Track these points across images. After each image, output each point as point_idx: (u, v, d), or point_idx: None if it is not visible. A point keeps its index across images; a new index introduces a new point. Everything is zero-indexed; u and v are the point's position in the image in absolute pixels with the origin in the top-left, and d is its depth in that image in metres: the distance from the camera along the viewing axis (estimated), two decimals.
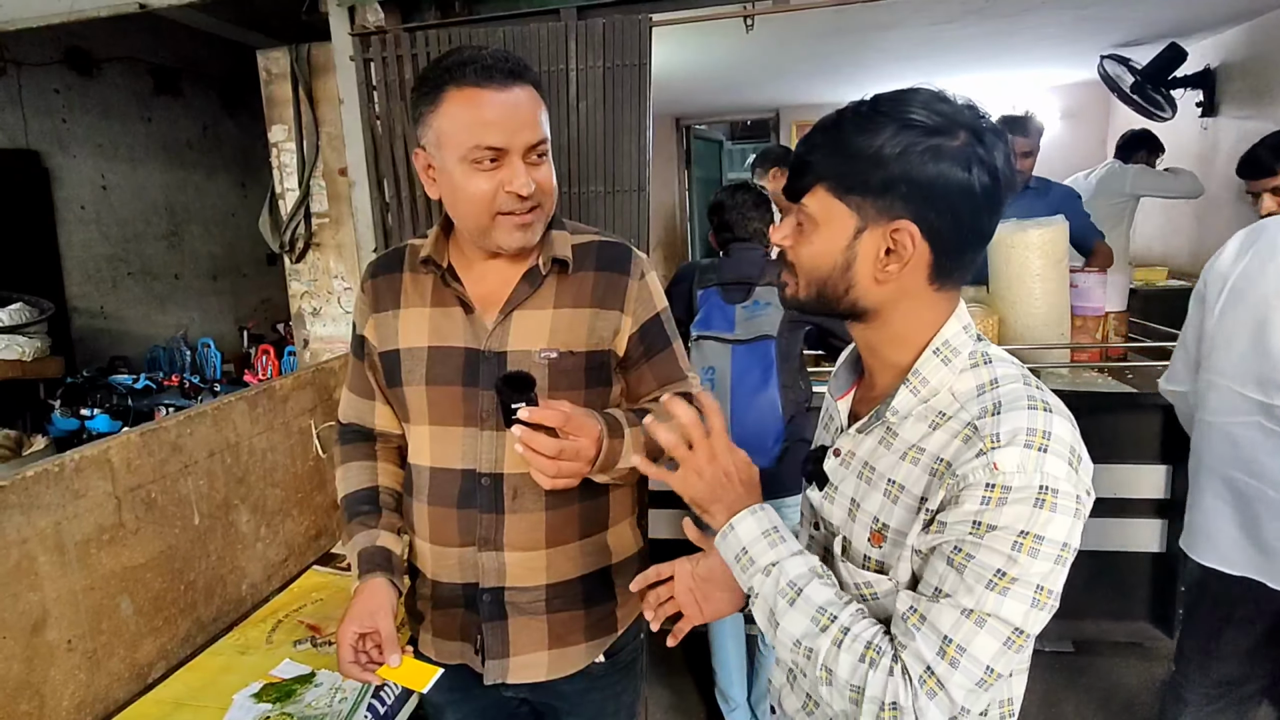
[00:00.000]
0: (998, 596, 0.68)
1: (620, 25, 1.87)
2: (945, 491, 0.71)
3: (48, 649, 1.12)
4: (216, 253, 5.52)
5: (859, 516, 0.81)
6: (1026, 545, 0.67)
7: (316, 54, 2.35)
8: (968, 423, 0.72)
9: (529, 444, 0.93)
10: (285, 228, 2.44)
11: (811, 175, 0.75)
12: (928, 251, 0.73)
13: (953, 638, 0.69)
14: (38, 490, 1.11)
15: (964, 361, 0.77)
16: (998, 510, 0.67)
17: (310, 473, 1.76)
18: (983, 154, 0.70)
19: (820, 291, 0.78)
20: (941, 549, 0.71)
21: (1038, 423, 0.69)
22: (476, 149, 0.98)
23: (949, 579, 0.70)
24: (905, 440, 0.77)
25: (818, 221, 0.75)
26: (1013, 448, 0.68)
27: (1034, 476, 0.67)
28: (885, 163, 0.70)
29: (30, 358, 3.68)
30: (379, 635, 1.05)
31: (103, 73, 4.63)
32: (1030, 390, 0.73)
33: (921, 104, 0.71)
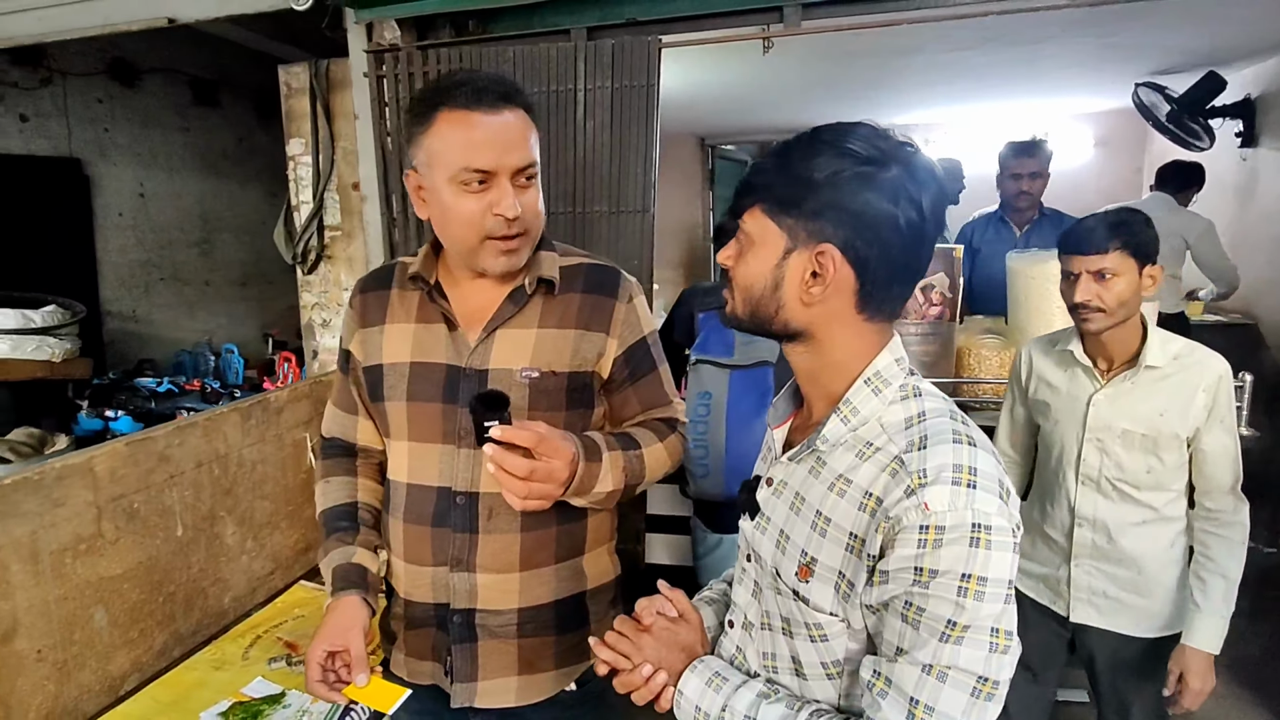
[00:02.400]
0: (953, 647, 0.67)
1: (629, 46, 1.87)
2: (882, 536, 0.70)
3: (16, 658, 1.12)
4: (246, 260, 5.63)
5: (787, 549, 0.80)
6: (971, 589, 0.66)
7: (335, 70, 2.39)
8: (895, 455, 0.72)
9: (500, 464, 0.93)
10: (298, 240, 2.47)
11: (750, 196, 0.77)
12: (852, 278, 0.74)
13: (919, 698, 0.68)
14: (16, 498, 1.11)
15: (894, 393, 0.77)
16: (935, 553, 0.67)
17: (302, 485, 1.76)
18: (912, 190, 0.71)
19: (753, 311, 0.79)
20: (894, 604, 0.70)
21: (963, 458, 0.69)
22: (465, 170, 0.98)
23: (906, 635, 0.69)
24: (833, 469, 0.77)
25: (754, 240, 0.77)
26: (940, 485, 0.68)
27: (965, 514, 0.67)
28: (816, 187, 0.72)
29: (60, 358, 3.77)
30: (348, 654, 1.03)
31: (144, 83, 4.77)
32: (955, 425, 0.73)
33: (860, 137, 0.72)
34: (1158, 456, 1.44)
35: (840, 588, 0.74)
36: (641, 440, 1.10)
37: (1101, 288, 1.39)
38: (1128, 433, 1.44)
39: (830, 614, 0.76)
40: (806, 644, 0.79)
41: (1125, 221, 1.40)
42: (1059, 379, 1.56)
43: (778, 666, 0.84)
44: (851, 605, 0.74)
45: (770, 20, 1.94)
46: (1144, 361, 1.42)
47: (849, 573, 0.73)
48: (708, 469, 1.82)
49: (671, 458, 1.16)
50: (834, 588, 0.75)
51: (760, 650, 0.87)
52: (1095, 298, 1.40)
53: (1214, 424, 1.41)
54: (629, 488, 1.08)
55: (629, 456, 1.07)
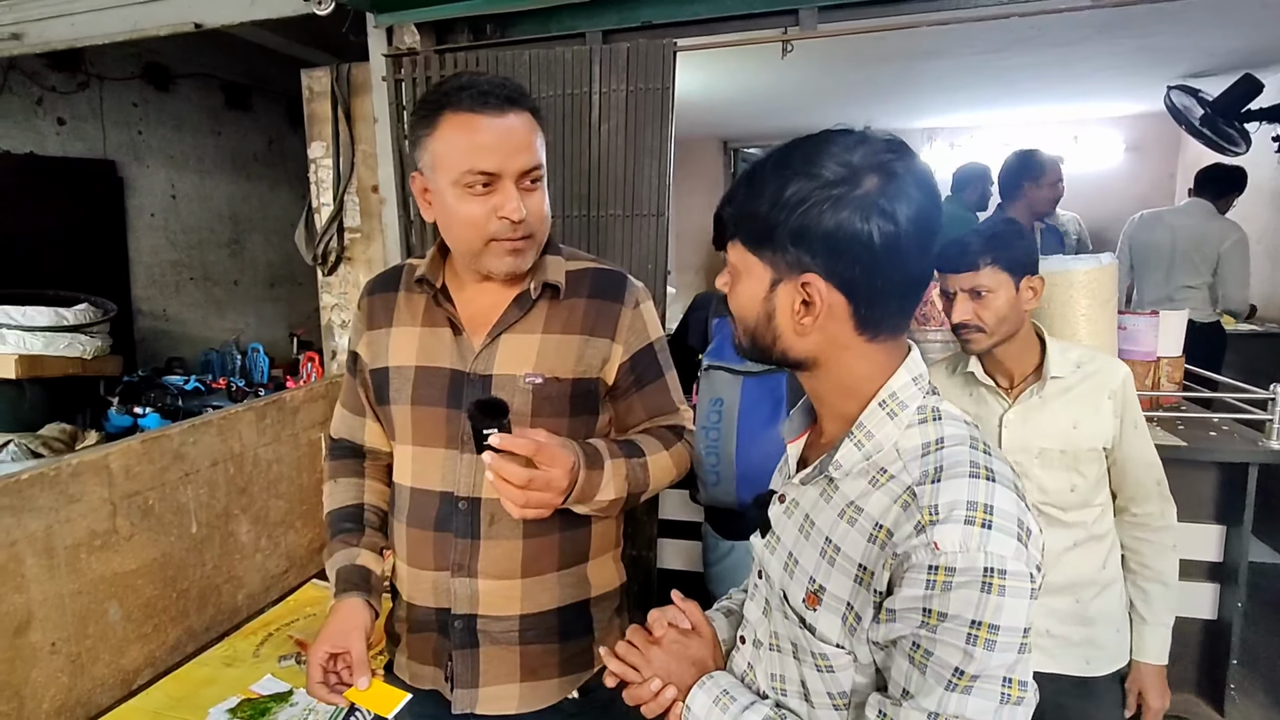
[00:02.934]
0: (960, 696, 0.63)
1: (645, 50, 1.87)
2: (890, 572, 0.66)
3: (30, 651, 1.14)
4: (274, 261, 5.73)
5: (795, 573, 0.77)
6: (982, 637, 0.62)
7: (356, 73, 2.42)
8: (907, 486, 0.68)
9: (498, 472, 0.91)
10: (319, 241, 2.50)
11: (727, 229, 0.74)
12: (843, 302, 0.70)
13: None
14: (31, 493, 1.14)
15: (912, 416, 0.73)
16: (944, 596, 0.62)
17: (317, 485, 1.77)
18: (884, 204, 0.67)
19: (753, 340, 0.76)
20: (901, 644, 0.66)
21: (978, 494, 0.65)
22: (469, 173, 0.97)
23: (913, 679, 0.66)
24: (844, 496, 0.74)
25: (740, 272, 0.74)
26: (952, 524, 0.63)
27: (977, 557, 0.62)
28: (786, 217, 0.68)
29: (91, 356, 3.86)
30: (350, 656, 1.03)
31: (178, 87, 4.88)
32: (975, 455, 0.68)
33: (831, 155, 0.68)
34: (1079, 472, 1.37)
35: (848, 620, 0.70)
36: (646, 448, 1.09)
37: (978, 305, 1.33)
38: (1045, 451, 1.37)
39: (837, 645, 0.72)
40: (813, 672, 0.76)
41: (997, 234, 1.35)
42: (965, 404, 1.46)
43: (786, 689, 0.81)
44: (858, 639, 0.70)
45: (787, 23, 1.92)
46: (1048, 373, 1.36)
47: (856, 605, 0.70)
48: (718, 476, 1.80)
49: (678, 466, 1.14)
50: (841, 619, 0.71)
51: (769, 671, 0.84)
52: (973, 316, 1.33)
53: (1127, 429, 1.37)
54: (632, 496, 1.06)
55: (632, 465, 1.05)
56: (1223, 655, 2.10)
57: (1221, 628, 2.10)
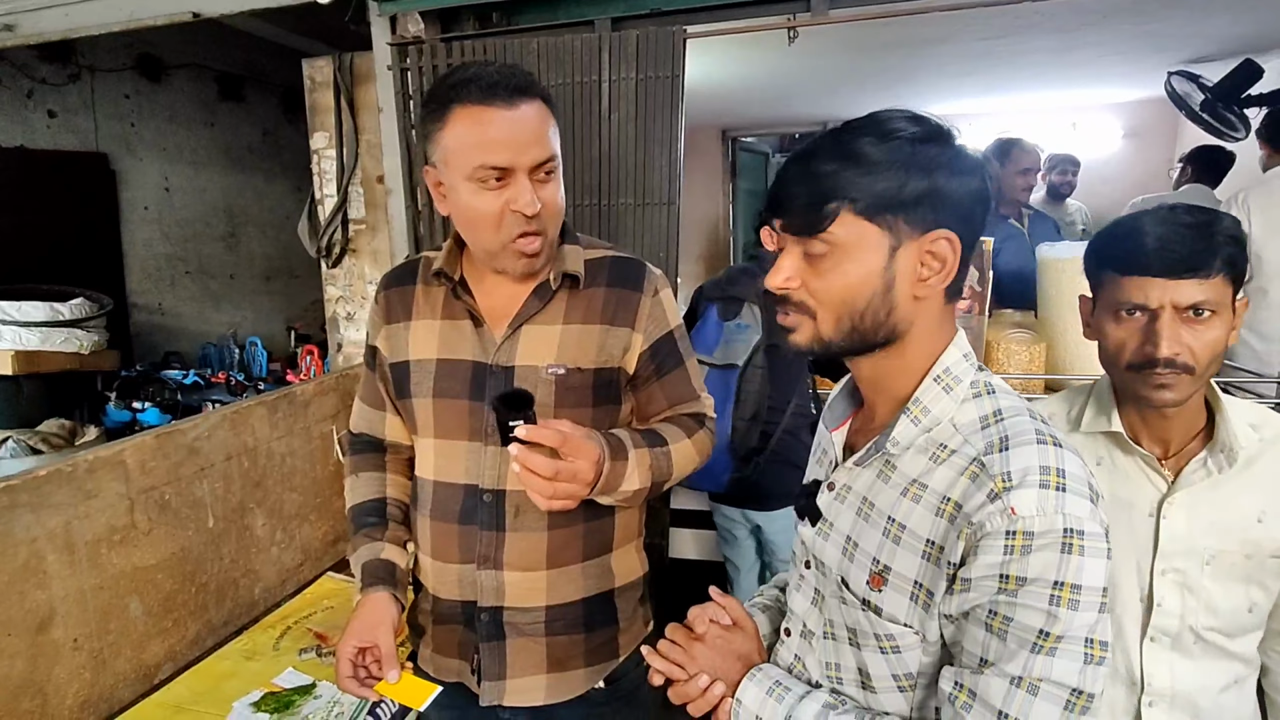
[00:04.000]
0: (1045, 659, 0.63)
1: (654, 37, 1.85)
2: (964, 543, 0.66)
3: (53, 647, 1.13)
4: (271, 254, 5.69)
5: (856, 556, 0.77)
6: (1065, 598, 0.62)
7: (359, 63, 2.39)
8: (973, 458, 0.69)
9: (525, 464, 0.91)
10: (322, 233, 2.48)
11: (828, 201, 0.69)
12: (957, 261, 0.70)
13: (1007, 711, 0.64)
14: (49, 490, 1.13)
15: (966, 391, 0.73)
16: (1023, 560, 0.63)
17: (330, 478, 1.77)
18: (974, 162, 0.70)
19: (855, 325, 0.72)
20: (976, 614, 0.67)
21: (1049, 459, 0.65)
22: (482, 169, 0.96)
23: (991, 646, 0.66)
24: (905, 474, 0.74)
25: (846, 249, 0.70)
26: (1027, 489, 0.64)
27: (1055, 519, 0.63)
28: (910, 175, 0.68)
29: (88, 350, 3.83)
30: (378, 650, 1.03)
31: (171, 79, 4.82)
32: (1037, 424, 0.69)
33: (907, 119, 0.70)
34: (1261, 585, 0.97)
35: (917, 598, 0.71)
36: (669, 437, 1.09)
37: (1195, 332, 0.90)
38: (1220, 555, 0.96)
39: (904, 625, 0.72)
40: (876, 655, 0.75)
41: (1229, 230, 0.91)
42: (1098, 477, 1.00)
43: (842, 677, 0.81)
44: (930, 616, 0.70)
45: (797, 9, 1.91)
46: (1228, 441, 0.94)
47: (926, 582, 0.70)
48: None
49: (700, 454, 1.14)
50: (909, 597, 0.71)
51: (823, 660, 0.83)
52: (1186, 351, 0.90)
53: None
54: (656, 485, 1.06)
55: (656, 454, 1.05)
56: None
57: None
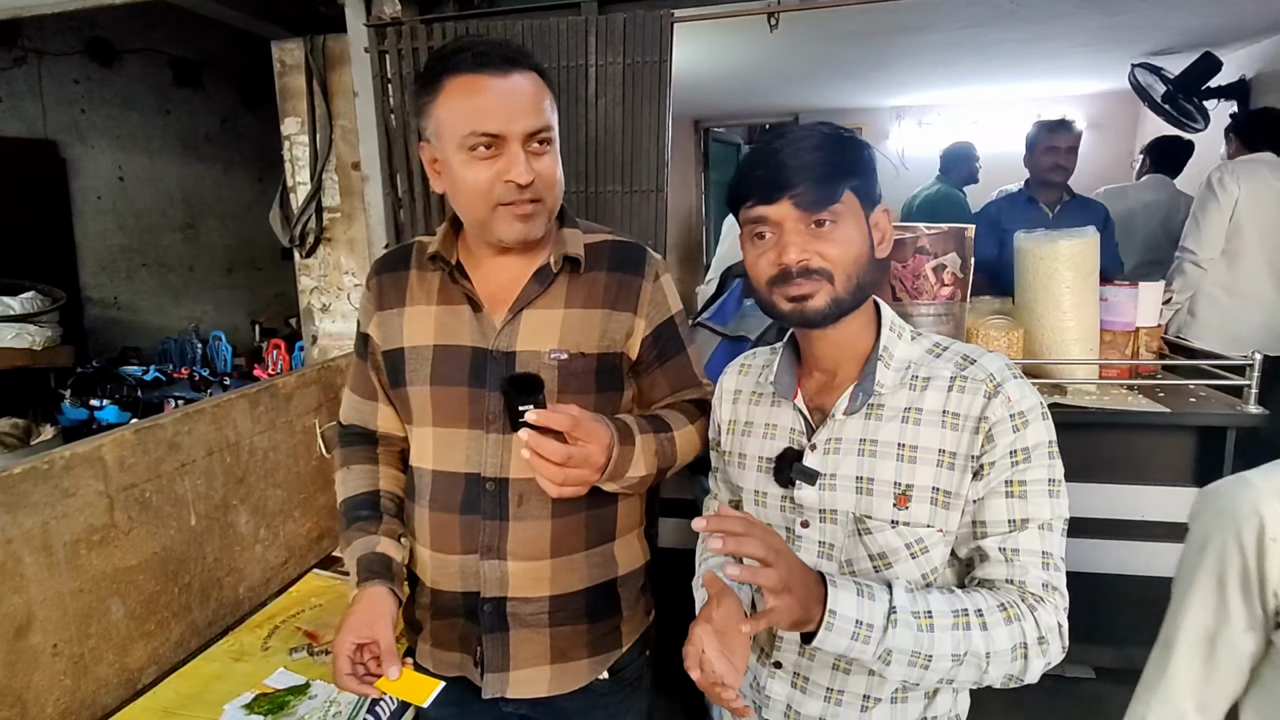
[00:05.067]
0: (1056, 500, 0.84)
1: (641, 20, 1.82)
2: (981, 436, 0.84)
3: (31, 653, 1.07)
4: (231, 246, 5.52)
5: (875, 488, 0.88)
6: (1053, 451, 0.84)
7: (331, 46, 2.32)
8: (951, 377, 0.87)
9: (536, 449, 0.89)
10: (296, 222, 2.40)
11: (841, 182, 0.86)
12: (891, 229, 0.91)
13: (1047, 550, 0.83)
14: (25, 488, 1.07)
15: (909, 335, 0.94)
16: (1025, 433, 0.83)
17: (313, 473, 1.72)
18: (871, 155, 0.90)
19: (860, 283, 0.88)
20: (996, 489, 0.84)
21: (1005, 360, 0.88)
22: (472, 135, 0.94)
23: (1017, 507, 0.84)
24: (895, 407, 0.89)
25: (847, 216, 0.86)
26: (1010, 382, 0.85)
27: (1032, 398, 0.85)
28: (865, 164, 0.88)
29: (41, 346, 3.68)
30: (377, 646, 0.99)
31: (123, 64, 4.63)
32: (969, 344, 0.92)
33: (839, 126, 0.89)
34: None
35: (937, 500, 0.86)
36: (672, 423, 1.08)
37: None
38: None
39: (929, 526, 0.87)
40: (908, 563, 0.88)
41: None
42: None
43: None
44: (953, 510, 0.86)
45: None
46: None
47: (942, 485, 0.86)
48: None
49: (702, 440, 1.13)
50: (930, 502, 0.86)
51: None
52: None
53: None
54: (660, 472, 1.05)
55: (661, 440, 1.04)
56: None
57: None
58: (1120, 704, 1.01)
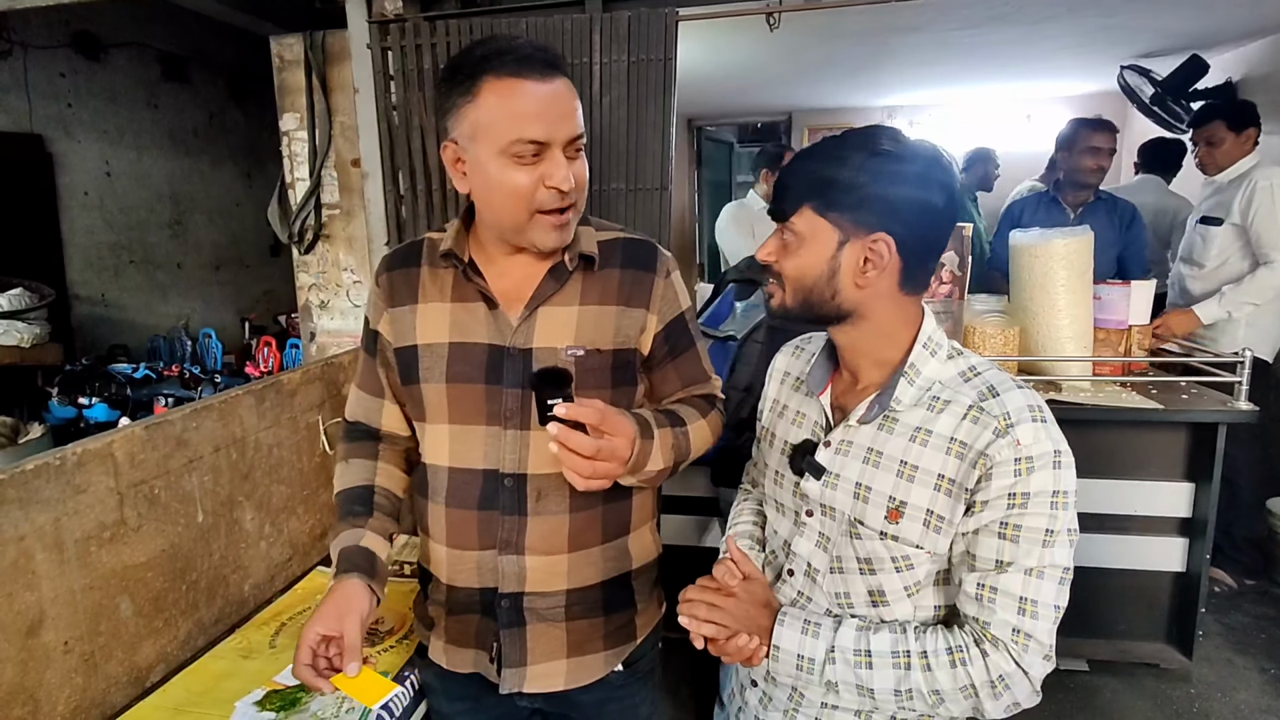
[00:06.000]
0: (1050, 550, 0.82)
1: (646, 19, 1.83)
2: (978, 472, 0.83)
3: (44, 651, 1.07)
4: (220, 243, 5.47)
5: (870, 497, 0.91)
6: (1060, 502, 0.82)
7: (331, 41, 2.30)
8: (970, 405, 0.86)
9: (565, 443, 0.89)
10: (295, 218, 2.39)
11: (798, 198, 0.87)
12: (898, 260, 0.86)
13: (1026, 595, 0.82)
14: (37, 485, 1.06)
15: (945, 354, 0.91)
16: (1028, 479, 0.81)
17: (316, 470, 1.71)
18: (939, 177, 0.85)
19: (805, 298, 0.90)
20: (989, 527, 0.84)
21: (1031, 399, 0.85)
22: (518, 142, 0.93)
23: (1006, 550, 0.83)
24: (908, 425, 0.89)
25: (804, 237, 0.87)
26: (1025, 424, 0.82)
27: (1047, 444, 0.82)
28: (863, 185, 0.83)
29: (29, 344, 3.63)
30: (343, 641, 0.99)
31: (110, 58, 4.58)
32: (1007, 374, 0.89)
33: (887, 137, 0.85)
34: None
35: (929, 523, 0.87)
36: (686, 417, 1.09)
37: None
38: None
39: (917, 547, 0.88)
40: (892, 575, 0.91)
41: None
42: None
43: (853, 602, 0.95)
44: (943, 535, 0.87)
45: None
46: None
47: (937, 509, 0.86)
48: None
49: (714, 434, 1.14)
50: (922, 524, 0.87)
51: (831, 591, 0.97)
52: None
53: None
54: (675, 466, 1.06)
55: (676, 434, 1.05)
56: (1191, 605, 2.23)
57: (1191, 579, 2.24)
58: (1112, 695, 1.07)
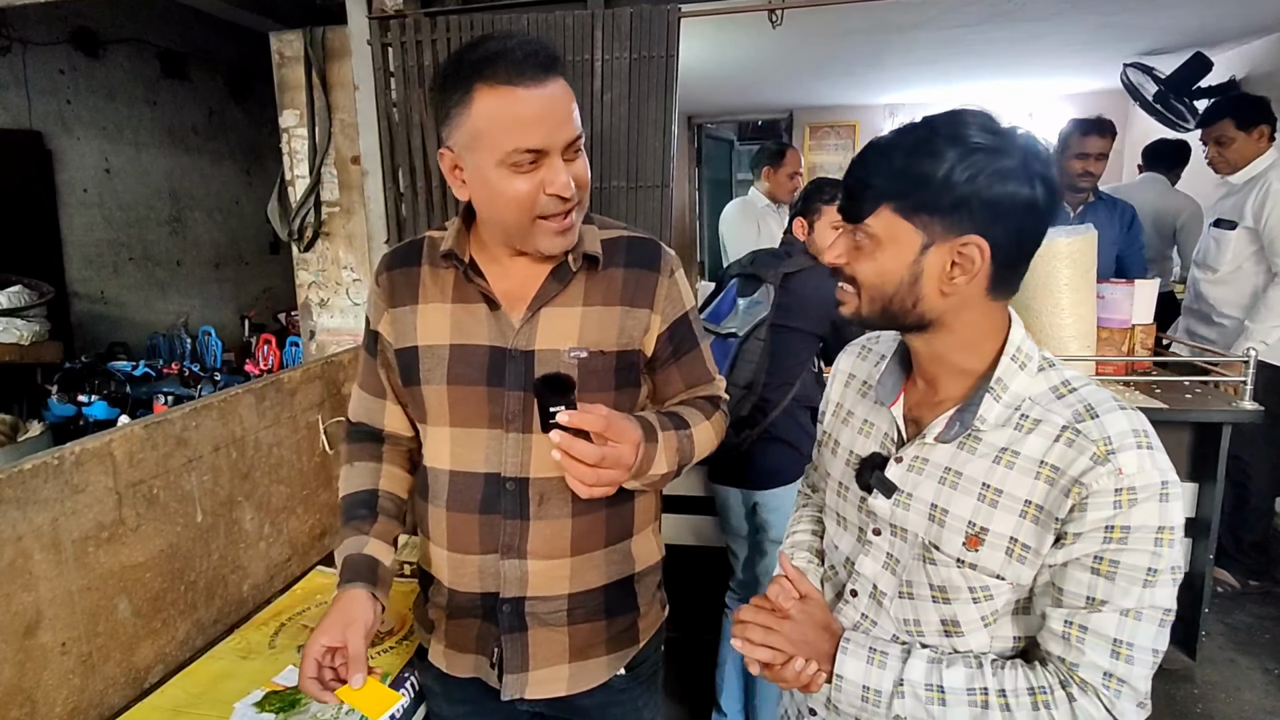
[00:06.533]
0: (1152, 591, 0.73)
1: (648, 16, 1.82)
2: (1071, 500, 0.74)
3: (41, 652, 1.06)
4: (219, 240, 5.46)
5: (947, 521, 0.82)
6: (1166, 539, 0.72)
7: (331, 38, 2.29)
8: (1063, 426, 0.76)
9: (568, 451, 0.87)
10: (294, 216, 2.37)
11: (875, 197, 0.78)
12: (990, 263, 0.77)
13: (1120, 638, 0.74)
14: (35, 484, 1.05)
15: (1035, 366, 0.81)
16: (1129, 512, 0.72)
17: (316, 469, 1.70)
18: (1038, 169, 0.74)
19: (885, 307, 0.81)
20: (1081, 560, 0.75)
21: (1136, 423, 0.74)
22: (515, 152, 0.91)
23: (1099, 587, 0.74)
24: (992, 444, 0.80)
25: (881, 240, 0.79)
26: (1129, 451, 0.72)
27: (1154, 474, 0.72)
28: (952, 183, 0.73)
29: (28, 341, 3.62)
30: (347, 651, 0.98)
31: (109, 54, 4.57)
32: (1108, 392, 0.79)
33: (978, 126, 0.75)
34: None
35: (1013, 552, 0.78)
36: (690, 420, 1.07)
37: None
38: None
39: (998, 577, 0.80)
40: (968, 605, 0.82)
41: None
42: None
43: (923, 630, 0.86)
44: (1027, 565, 0.78)
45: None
46: None
47: (1022, 537, 0.77)
48: None
49: (718, 436, 1.13)
50: (1005, 552, 0.79)
51: (898, 617, 0.88)
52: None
53: None
54: (679, 469, 1.05)
55: (680, 437, 1.03)
56: (1195, 605, 2.22)
57: (1195, 579, 2.23)
58: None
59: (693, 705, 2.31)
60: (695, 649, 2.32)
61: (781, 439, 1.91)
